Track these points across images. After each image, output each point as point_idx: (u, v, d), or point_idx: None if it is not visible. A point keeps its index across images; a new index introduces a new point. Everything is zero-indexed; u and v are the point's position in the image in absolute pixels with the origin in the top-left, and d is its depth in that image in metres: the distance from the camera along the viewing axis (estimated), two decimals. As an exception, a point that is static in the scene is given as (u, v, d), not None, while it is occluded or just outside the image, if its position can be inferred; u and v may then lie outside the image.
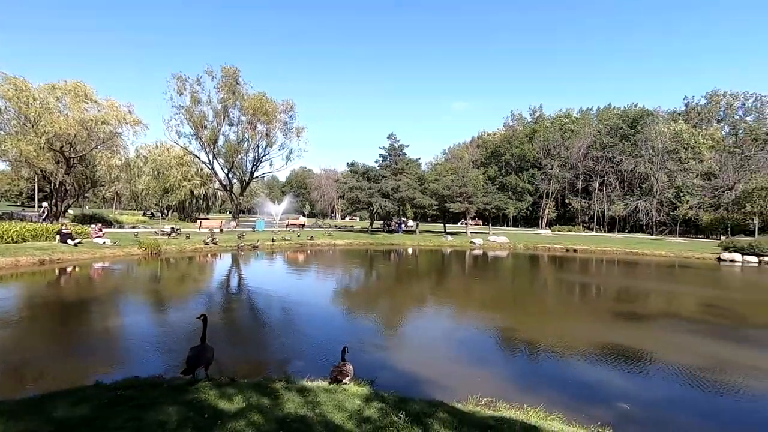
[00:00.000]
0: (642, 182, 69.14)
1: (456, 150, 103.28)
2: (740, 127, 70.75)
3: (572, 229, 67.98)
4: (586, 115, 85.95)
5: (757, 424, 6.06)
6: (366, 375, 6.57)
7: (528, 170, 77.20)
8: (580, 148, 72.97)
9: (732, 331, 11.43)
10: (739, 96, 72.56)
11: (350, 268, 24.18)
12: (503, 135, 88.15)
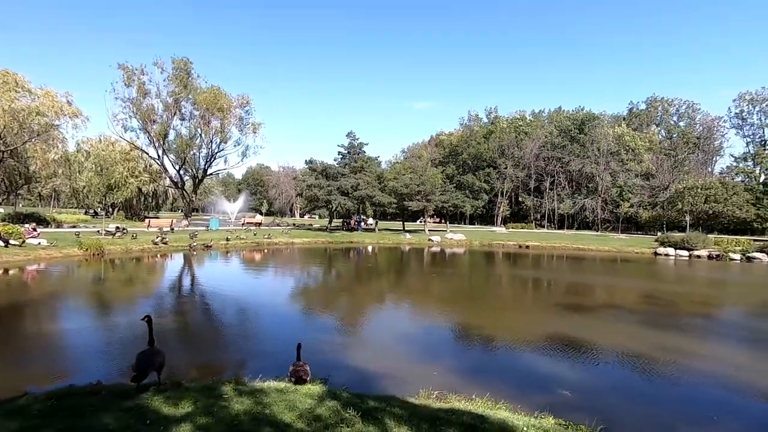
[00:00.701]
0: (588, 182, 73.07)
1: (415, 149, 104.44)
2: (674, 132, 76.47)
3: (525, 227, 70.80)
4: (538, 117, 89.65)
5: (690, 404, 6.61)
6: (323, 374, 6.55)
7: (484, 169, 79.44)
8: (532, 149, 76.01)
9: (666, 320, 12.38)
10: (673, 102, 78.37)
11: (309, 267, 23.92)
12: (461, 135, 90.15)
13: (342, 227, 49.92)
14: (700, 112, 76.27)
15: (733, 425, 5.53)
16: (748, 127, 68.80)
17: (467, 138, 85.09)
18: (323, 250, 32.16)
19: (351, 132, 48.23)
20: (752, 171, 66.20)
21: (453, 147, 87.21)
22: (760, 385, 7.33)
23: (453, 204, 49.03)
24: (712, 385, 7.36)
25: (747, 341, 10.67)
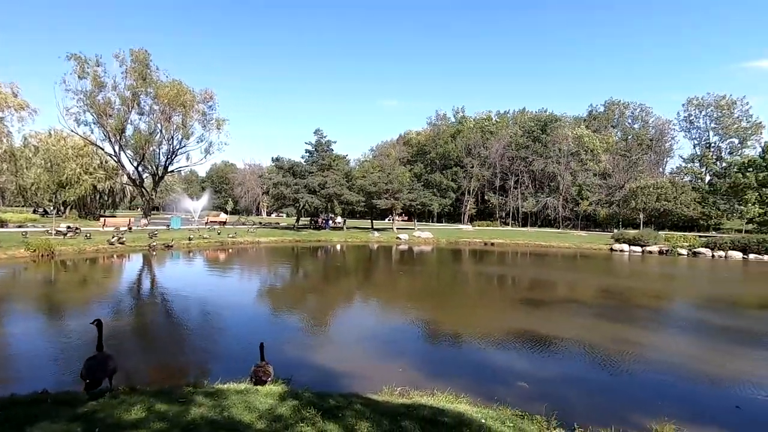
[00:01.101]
0: (550, 181, 75.69)
1: (383, 147, 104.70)
2: (629, 133, 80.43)
3: (491, 224, 72.53)
4: (503, 117, 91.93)
5: (639, 391, 7.00)
6: (286, 374, 6.50)
7: (451, 168, 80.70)
8: (497, 149, 77.90)
9: (618, 312, 13.05)
10: (629, 105, 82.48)
11: (275, 266, 23.54)
12: (429, 134, 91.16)
13: (309, 226, 49.42)
14: (652, 115, 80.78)
15: (677, 409, 5.90)
16: (696, 131, 73.48)
17: (435, 137, 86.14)
18: (290, 249, 31.73)
19: (319, 129, 47.79)
20: (699, 172, 70.66)
21: (421, 146, 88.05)
22: (703, 370, 7.88)
23: (421, 202, 49.53)
24: (659, 372, 7.83)
25: (691, 331, 11.42)
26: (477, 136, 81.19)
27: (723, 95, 69.60)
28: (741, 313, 13.57)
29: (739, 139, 68.99)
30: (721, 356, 8.96)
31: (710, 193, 61.46)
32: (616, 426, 5.09)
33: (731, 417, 5.92)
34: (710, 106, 70.45)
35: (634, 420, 5.48)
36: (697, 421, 5.52)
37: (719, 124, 69.88)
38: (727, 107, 68.98)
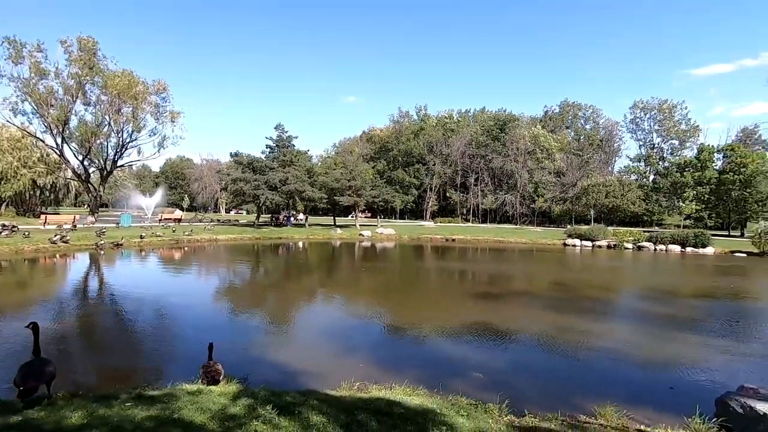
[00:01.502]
0: (509, 178, 78.20)
1: (347, 144, 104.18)
2: (582, 134, 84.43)
3: (452, 221, 74.02)
4: (464, 116, 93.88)
5: (586, 376, 7.41)
6: (244, 373, 6.40)
7: (414, 165, 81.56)
8: (459, 147, 79.52)
9: (569, 303, 13.71)
10: (582, 106, 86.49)
11: (234, 264, 22.92)
12: (392, 131, 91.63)
13: (270, 223, 48.45)
14: (603, 116, 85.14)
15: (618, 391, 6.31)
16: (641, 132, 78.13)
17: (398, 134, 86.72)
18: (250, 247, 30.98)
19: (280, 124, 46.92)
20: (644, 171, 75.23)
21: (384, 143, 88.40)
22: (642, 355, 8.45)
23: (383, 199, 49.80)
24: (604, 359, 8.33)
25: (633, 319, 12.21)
26: (439, 134, 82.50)
27: (665, 99, 74.54)
28: (677, 302, 14.64)
29: (679, 141, 74.13)
30: (659, 342, 9.64)
31: (654, 191, 65.72)
32: (563, 410, 5.38)
33: (666, 397, 6.40)
34: (654, 109, 75.18)
35: (580, 403, 5.80)
36: (635, 402, 5.92)
37: (662, 127, 74.74)
38: (669, 111, 73.87)
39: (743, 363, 8.22)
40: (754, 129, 71.15)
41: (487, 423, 4.49)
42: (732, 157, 53.83)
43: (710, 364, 8.09)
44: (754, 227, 35.43)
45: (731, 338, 10.02)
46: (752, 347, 9.30)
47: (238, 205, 61.78)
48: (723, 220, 56.69)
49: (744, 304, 14.56)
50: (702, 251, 32.16)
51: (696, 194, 55.80)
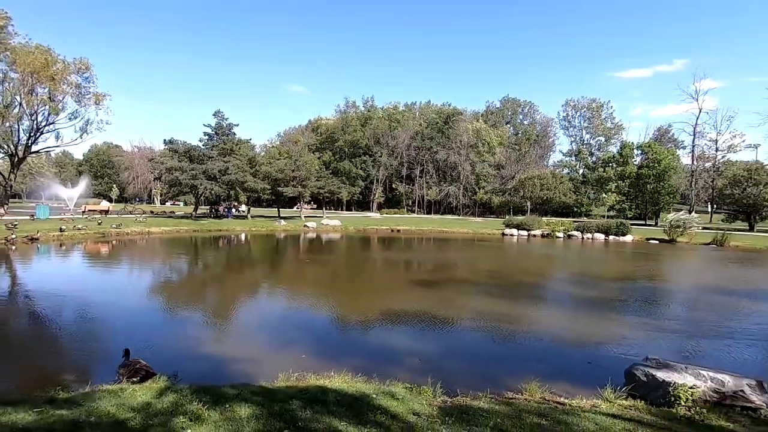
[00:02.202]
0: (452, 171, 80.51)
1: (291, 133, 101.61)
2: (520, 129, 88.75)
3: (398, 212, 75.05)
4: (410, 108, 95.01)
5: (517, 358, 7.88)
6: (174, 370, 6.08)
7: (360, 157, 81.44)
8: (405, 139, 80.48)
9: (504, 289, 14.45)
10: (521, 103, 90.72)
11: (169, 258, 21.67)
12: (338, 121, 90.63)
13: (210, 215, 46.26)
14: (539, 113, 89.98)
15: (543, 368, 6.79)
16: (572, 129, 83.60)
17: (344, 125, 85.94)
18: (188, 240, 29.42)
19: (219, 111, 44.67)
20: (575, 165, 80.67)
21: (330, 133, 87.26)
22: (565, 335, 9.14)
23: (329, 190, 49.33)
24: (532, 340, 8.90)
25: (560, 302, 13.15)
26: (385, 125, 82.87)
27: (593, 99, 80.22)
28: (599, 285, 15.97)
29: (605, 138, 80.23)
30: (581, 322, 10.49)
31: (583, 184, 70.82)
32: (492, 388, 5.70)
33: (584, 371, 6.99)
34: (584, 107, 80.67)
35: (508, 382, 6.17)
36: (557, 377, 6.41)
37: (590, 124, 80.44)
38: (597, 110, 79.64)
39: (654, 337, 9.15)
40: (668, 128, 78.86)
41: (421, 405, 4.65)
42: (648, 154, 59.21)
43: (625, 339, 8.92)
44: (665, 217, 39.40)
45: (645, 316, 11.11)
46: (662, 323, 10.39)
47: (175, 196, 58.44)
48: (641, 211, 62.32)
49: (656, 285, 16.18)
50: (622, 239, 35.21)
51: (617, 187, 60.88)
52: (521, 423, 4.17)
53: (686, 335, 9.44)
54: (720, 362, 7.34)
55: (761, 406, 5.24)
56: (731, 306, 12.46)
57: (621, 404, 5.24)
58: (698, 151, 67.24)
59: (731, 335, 9.40)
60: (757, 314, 11.56)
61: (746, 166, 55.06)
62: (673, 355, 7.56)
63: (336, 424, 3.81)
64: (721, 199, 58.05)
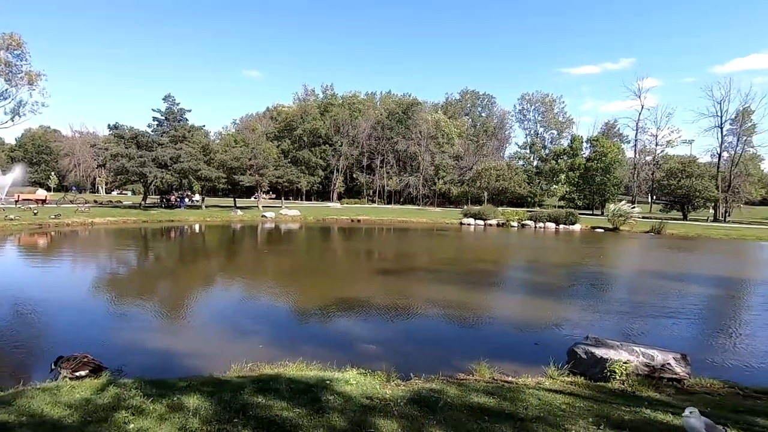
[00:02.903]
0: (412, 161, 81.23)
1: (248, 121, 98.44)
2: (478, 121, 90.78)
3: (359, 202, 74.91)
4: (371, 98, 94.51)
5: (469, 341, 8.14)
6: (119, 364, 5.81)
7: (320, 146, 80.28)
8: (365, 128, 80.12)
9: (459, 276, 14.87)
10: (479, 95, 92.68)
11: (115, 250, 20.51)
12: (297, 109, 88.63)
13: (160, 204, 44.09)
14: (496, 105, 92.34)
15: (493, 350, 7.07)
16: (527, 122, 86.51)
17: (303, 113, 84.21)
18: (136, 231, 27.92)
19: (169, 95, 42.42)
20: (529, 157, 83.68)
21: (289, 121, 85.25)
22: (516, 318, 9.58)
23: (288, 179, 48.39)
24: (484, 323, 9.26)
25: (512, 287, 13.72)
26: (346, 114, 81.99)
27: (547, 94, 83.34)
28: (548, 271, 16.79)
29: (557, 132, 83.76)
30: (531, 305, 11.01)
31: (536, 175, 73.69)
32: (445, 370, 5.88)
33: (531, 351, 7.36)
34: (538, 102, 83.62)
35: (460, 364, 6.39)
36: (506, 358, 6.71)
37: (544, 118, 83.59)
38: (550, 104, 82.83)
39: (597, 318, 9.76)
40: (614, 123, 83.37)
41: (375, 389, 4.72)
42: (596, 147, 62.50)
43: (571, 321, 9.46)
44: (609, 207, 41.87)
45: (589, 299, 11.82)
46: (605, 305, 11.10)
47: (122, 184, 54.91)
48: (589, 201, 65.87)
49: (599, 270, 17.22)
50: (571, 228, 37.09)
51: (568, 178, 63.92)
52: (470, 401, 4.34)
53: (626, 316, 10.14)
54: (653, 339, 7.96)
55: (685, 376, 5.76)
56: (665, 288, 13.50)
57: (563, 380, 5.57)
58: (640, 145, 71.78)
59: (664, 314, 10.21)
60: (685, 295, 12.61)
61: (681, 160, 59.50)
62: (614, 334, 8.10)
63: (288, 410, 3.80)
64: (659, 191, 62.47)
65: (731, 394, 5.36)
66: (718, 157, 59.01)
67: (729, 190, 55.60)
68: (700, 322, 9.90)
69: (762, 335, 8.92)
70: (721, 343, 8.36)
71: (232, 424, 3.45)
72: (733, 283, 15.31)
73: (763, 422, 4.12)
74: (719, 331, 9.18)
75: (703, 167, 56.55)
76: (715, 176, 55.56)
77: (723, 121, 57.88)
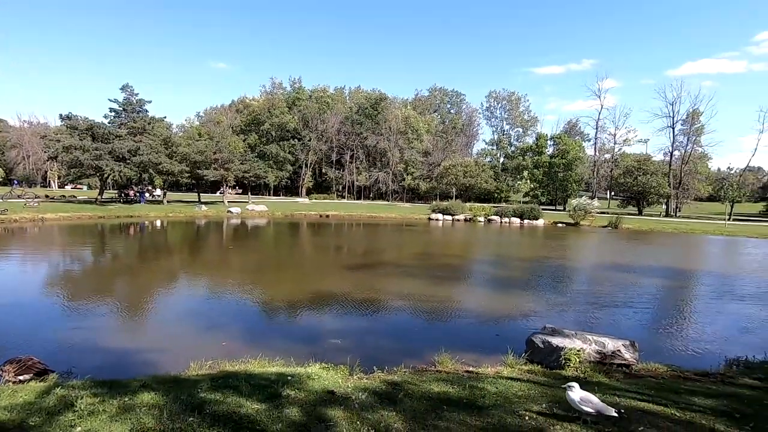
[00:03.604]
0: (382, 157, 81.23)
1: (213, 113, 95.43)
2: (446, 118, 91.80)
3: (328, 197, 74.30)
4: (340, 93, 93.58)
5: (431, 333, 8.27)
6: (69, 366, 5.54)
7: (288, 140, 78.84)
8: (334, 123, 79.33)
9: (426, 271, 15.04)
10: (448, 92, 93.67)
11: (69, 247, 19.46)
12: (264, 102, 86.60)
13: (119, 199, 42.14)
14: (464, 102, 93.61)
15: (456, 342, 7.22)
16: (494, 120, 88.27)
17: (270, 106, 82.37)
18: (92, 227, 26.58)
19: (127, 85, 40.51)
20: (495, 154, 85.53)
21: (255, 115, 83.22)
22: (480, 311, 9.82)
23: (255, 174, 47.34)
24: (447, 316, 9.43)
25: (477, 281, 14.03)
26: (314, 108, 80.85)
27: (513, 92, 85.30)
28: (511, 265, 17.29)
29: (523, 129, 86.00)
30: (493, 298, 11.31)
31: (503, 172, 75.43)
32: (408, 363, 5.95)
33: (492, 342, 7.55)
34: (504, 99, 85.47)
35: (423, 355, 6.50)
36: (468, 350, 6.87)
37: (510, 116, 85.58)
38: (516, 102, 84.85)
39: (557, 310, 10.14)
40: (576, 122, 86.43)
41: (337, 382, 4.73)
42: (559, 145, 64.61)
43: (532, 312, 9.79)
44: (570, 203, 43.48)
45: (550, 291, 12.26)
46: (563, 296, 11.54)
47: (76, 178, 52.00)
48: (552, 197, 68.10)
49: (560, 264, 17.88)
50: (535, 223, 38.31)
51: (532, 175, 65.82)
52: (430, 392, 4.42)
53: (583, 306, 10.60)
54: (607, 328, 8.36)
55: (633, 362, 6.09)
56: (620, 280, 14.19)
57: (521, 369, 5.77)
58: (600, 143, 74.85)
59: (618, 304, 10.75)
60: (638, 286, 13.32)
61: (637, 159, 62.52)
62: (571, 324, 8.43)
63: (247, 406, 3.75)
64: (617, 187, 65.41)
65: (674, 377, 5.72)
66: (670, 156, 62.41)
67: (680, 187, 58.94)
68: (650, 311, 10.48)
69: (705, 322, 9.56)
70: (668, 330, 8.89)
71: (188, 423, 3.37)
72: (681, 274, 16.28)
73: (700, 401, 4.42)
74: (667, 319, 9.75)
75: (656, 165, 59.68)
76: (667, 174, 58.74)
77: (675, 122, 61.26)
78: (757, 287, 13.53)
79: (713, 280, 14.99)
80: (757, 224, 43.76)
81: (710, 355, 7.18)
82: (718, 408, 4.22)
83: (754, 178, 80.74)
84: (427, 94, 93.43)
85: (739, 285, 14.06)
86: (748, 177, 70.30)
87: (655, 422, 3.75)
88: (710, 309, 10.81)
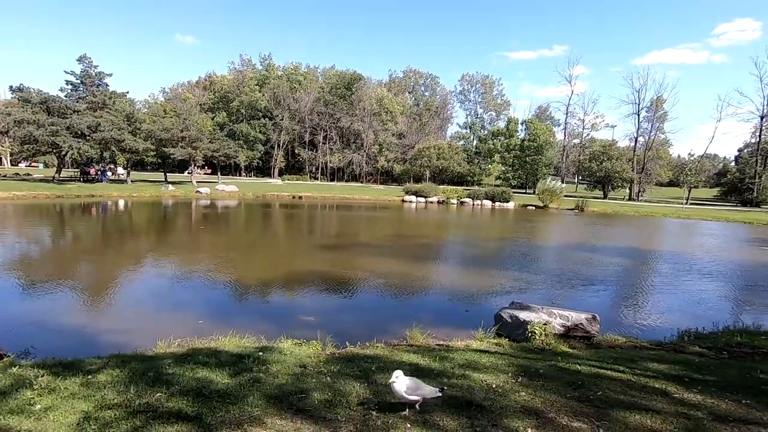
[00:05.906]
0: (356, 138, 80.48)
1: (180, 90, 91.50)
2: (421, 100, 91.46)
3: (301, 179, 73.27)
4: (312, 72, 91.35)
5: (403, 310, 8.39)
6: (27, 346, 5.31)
7: (260, 119, 76.77)
8: (307, 103, 77.65)
9: (399, 250, 15.18)
10: (422, 74, 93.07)
11: (24, 227, 18.46)
12: (233, 79, 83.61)
13: (78, 178, 40.12)
14: (439, 85, 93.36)
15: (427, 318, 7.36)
16: (468, 103, 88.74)
17: (240, 84, 79.65)
18: (49, 207, 25.27)
19: (85, 56, 38.12)
20: (469, 137, 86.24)
21: (225, 92, 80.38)
22: (451, 288, 10.02)
23: (225, 153, 46.01)
24: (419, 294, 9.58)
25: (448, 260, 14.27)
26: (285, 86, 78.74)
27: (487, 75, 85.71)
28: (482, 245, 17.66)
29: (496, 113, 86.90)
30: (465, 276, 11.55)
31: (475, 155, 76.26)
32: (381, 338, 6.03)
33: (462, 318, 7.75)
34: (478, 83, 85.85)
35: (396, 331, 6.59)
36: (439, 325, 7.03)
37: (483, 99, 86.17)
38: (489, 86, 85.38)
39: (525, 287, 10.44)
40: (547, 107, 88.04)
41: (309, 357, 4.74)
42: (530, 129, 65.74)
43: (500, 289, 10.06)
44: (539, 186, 44.60)
45: (518, 269, 12.61)
46: (532, 274, 11.90)
47: (31, 155, 48.93)
48: (522, 181, 69.60)
49: (529, 244, 18.41)
50: (506, 205, 39.14)
51: (504, 158, 66.90)
52: (402, 363, 4.50)
53: (550, 283, 10.98)
54: (572, 303, 8.72)
55: (594, 334, 6.39)
56: (585, 259, 14.76)
57: (489, 342, 5.94)
58: (569, 128, 76.63)
59: (583, 281, 11.19)
60: (601, 264, 13.90)
61: (603, 144, 64.48)
62: (538, 300, 8.71)
63: (217, 381, 3.71)
64: (584, 171, 67.43)
65: (631, 347, 6.05)
66: (635, 142, 64.73)
67: (643, 172, 61.37)
68: (612, 288, 10.98)
69: (662, 297, 10.10)
70: (628, 305, 9.36)
71: (156, 398, 3.30)
72: (642, 253, 17.09)
73: (654, 368, 4.70)
74: (627, 295, 10.26)
75: (621, 151, 61.77)
76: (631, 159, 60.96)
77: (640, 108, 63.39)
78: (710, 265, 14.39)
79: (670, 259, 15.82)
80: (713, 208, 46.27)
81: (665, 327, 7.61)
82: (670, 373, 4.50)
83: (710, 165, 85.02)
84: (401, 75, 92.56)
85: (693, 264, 14.91)
86: (705, 164, 73.85)
87: (612, 387, 3.96)
88: (667, 285, 11.42)
